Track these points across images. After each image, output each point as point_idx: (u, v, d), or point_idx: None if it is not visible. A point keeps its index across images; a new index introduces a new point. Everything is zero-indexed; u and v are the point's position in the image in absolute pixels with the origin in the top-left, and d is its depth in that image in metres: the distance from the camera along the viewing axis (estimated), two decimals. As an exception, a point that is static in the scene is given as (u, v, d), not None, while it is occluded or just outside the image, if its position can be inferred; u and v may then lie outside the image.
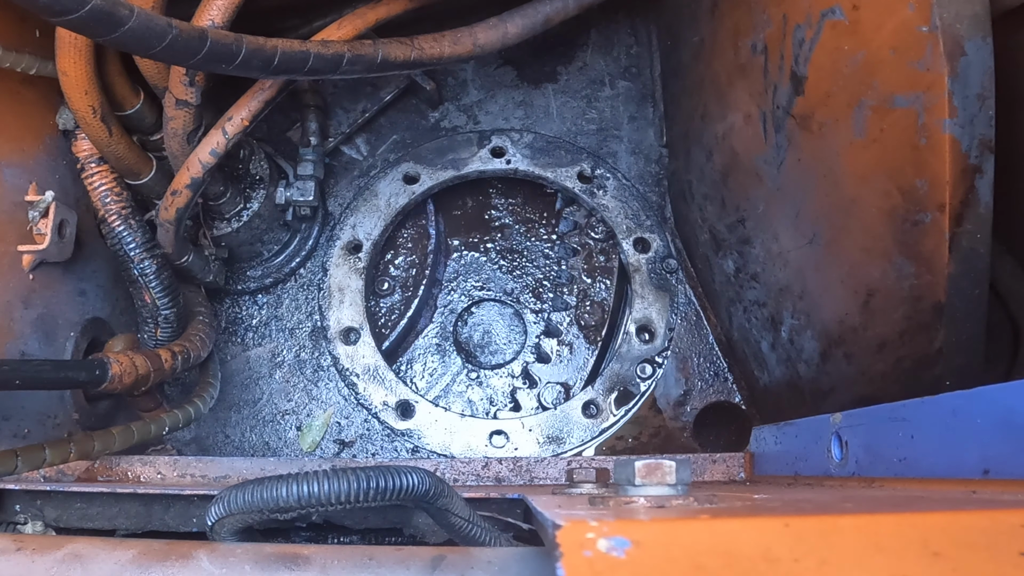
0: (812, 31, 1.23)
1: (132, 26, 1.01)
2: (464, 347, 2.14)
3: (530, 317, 2.13)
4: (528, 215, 2.21)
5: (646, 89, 2.17)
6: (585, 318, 2.10)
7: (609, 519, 0.54)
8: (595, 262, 2.13)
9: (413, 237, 2.16)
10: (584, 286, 2.12)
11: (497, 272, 2.17)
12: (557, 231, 2.17)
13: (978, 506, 0.61)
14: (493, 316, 2.17)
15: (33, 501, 1.20)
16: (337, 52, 1.33)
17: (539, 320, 2.13)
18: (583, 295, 2.11)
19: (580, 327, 2.10)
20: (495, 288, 2.17)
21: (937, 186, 1.02)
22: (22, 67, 1.40)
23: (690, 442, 1.93)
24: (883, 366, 1.20)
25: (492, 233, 2.20)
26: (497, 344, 2.15)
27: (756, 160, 1.51)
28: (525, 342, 2.12)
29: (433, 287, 2.15)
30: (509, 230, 2.20)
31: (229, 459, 1.49)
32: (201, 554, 0.79)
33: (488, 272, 2.18)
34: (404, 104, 2.18)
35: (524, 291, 2.16)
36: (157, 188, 1.62)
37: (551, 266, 2.16)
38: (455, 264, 2.19)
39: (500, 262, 2.18)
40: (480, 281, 2.17)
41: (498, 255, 2.18)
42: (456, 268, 2.18)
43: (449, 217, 2.22)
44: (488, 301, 2.17)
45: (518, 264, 2.17)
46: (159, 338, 1.64)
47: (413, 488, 0.86)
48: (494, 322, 2.16)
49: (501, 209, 2.22)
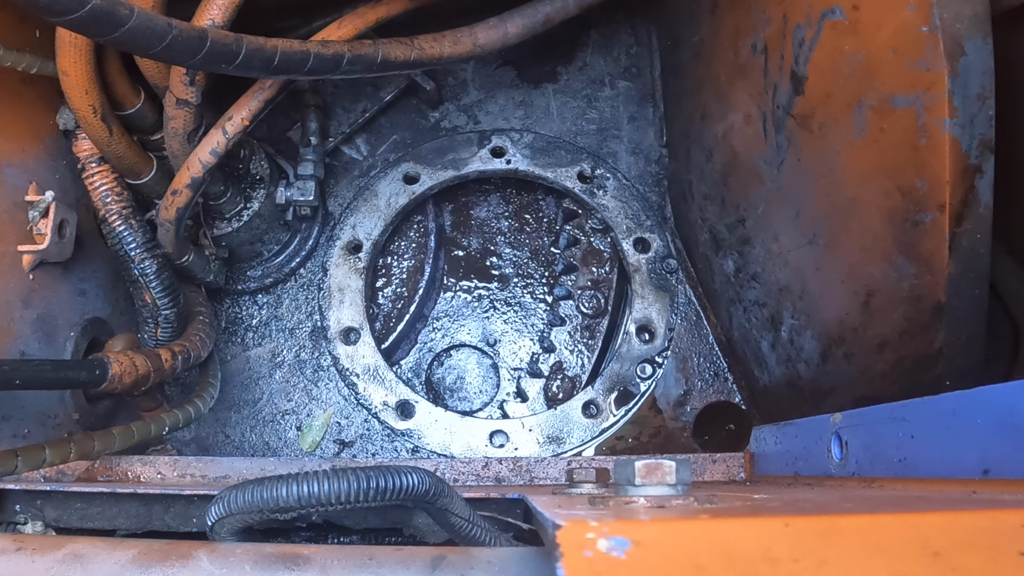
0: (812, 31, 1.23)
1: (132, 26, 1.01)
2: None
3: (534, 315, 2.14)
4: (526, 220, 2.21)
5: (646, 89, 2.17)
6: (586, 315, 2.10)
7: (609, 519, 0.54)
8: (594, 266, 2.13)
9: (413, 237, 2.16)
10: (584, 287, 2.12)
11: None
12: (557, 247, 2.17)
13: (978, 506, 0.61)
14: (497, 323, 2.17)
15: (33, 501, 1.20)
16: (337, 52, 1.33)
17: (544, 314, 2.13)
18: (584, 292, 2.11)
19: (582, 315, 2.10)
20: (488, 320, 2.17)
21: (937, 186, 1.02)
22: (23, 66, 1.39)
23: (690, 442, 1.93)
24: (883, 366, 1.20)
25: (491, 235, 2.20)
26: (504, 341, 2.15)
27: (756, 160, 1.51)
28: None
29: (431, 290, 2.16)
30: (508, 232, 2.20)
31: (229, 459, 1.49)
32: (201, 554, 0.79)
33: (477, 313, 2.18)
34: (404, 104, 2.18)
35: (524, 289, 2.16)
36: (157, 188, 1.62)
37: (551, 266, 2.16)
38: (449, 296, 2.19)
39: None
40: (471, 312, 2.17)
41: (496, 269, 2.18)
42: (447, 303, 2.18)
43: (449, 219, 2.22)
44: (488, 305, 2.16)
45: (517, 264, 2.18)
46: (159, 338, 1.64)
47: (413, 488, 0.86)
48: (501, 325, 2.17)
49: (499, 211, 2.22)
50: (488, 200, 2.23)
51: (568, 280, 2.11)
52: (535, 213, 2.22)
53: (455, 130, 2.16)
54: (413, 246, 2.16)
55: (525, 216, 2.22)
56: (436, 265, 2.16)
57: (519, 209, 2.22)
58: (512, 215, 2.22)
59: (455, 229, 2.22)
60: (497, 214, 2.22)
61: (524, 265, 2.18)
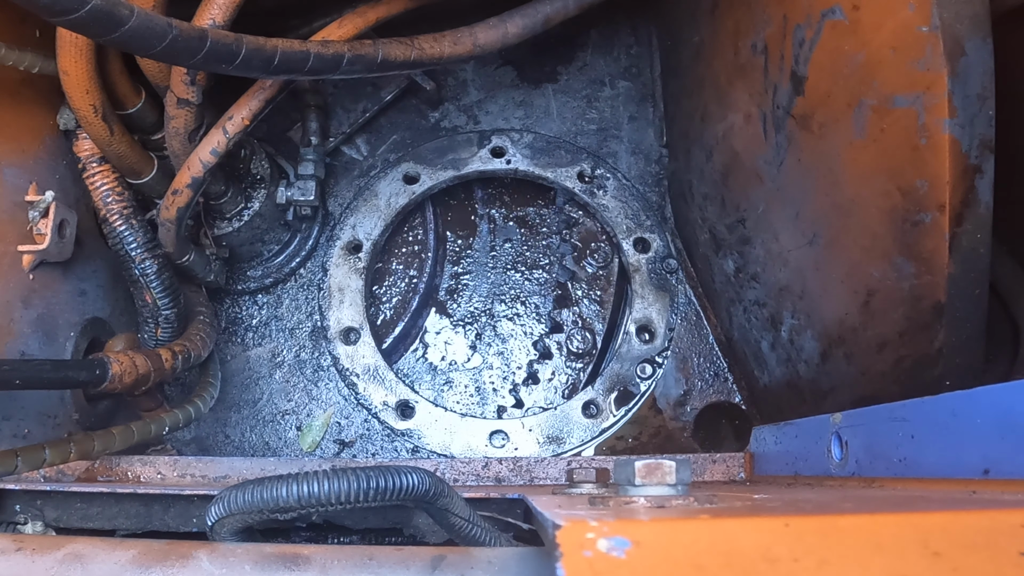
0: (812, 31, 1.23)
1: (132, 26, 1.01)
2: (464, 347, 2.14)
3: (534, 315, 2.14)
4: (527, 212, 2.21)
5: (646, 89, 2.17)
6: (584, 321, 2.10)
7: (609, 519, 0.54)
8: (594, 264, 2.13)
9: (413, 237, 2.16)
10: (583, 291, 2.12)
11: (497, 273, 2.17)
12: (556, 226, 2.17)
13: (978, 506, 0.61)
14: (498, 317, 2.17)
15: (33, 501, 1.20)
16: (337, 52, 1.33)
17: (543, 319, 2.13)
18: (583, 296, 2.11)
19: (582, 325, 2.10)
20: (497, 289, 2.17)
21: (937, 186, 1.02)
22: (25, 65, 1.39)
23: (690, 442, 1.93)
24: (883, 366, 1.20)
25: (489, 229, 2.20)
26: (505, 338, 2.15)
27: (756, 160, 1.51)
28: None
29: (431, 289, 2.16)
30: (508, 228, 2.20)
31: (229, 459, 1.49)
32: (201, 554, 0.79)
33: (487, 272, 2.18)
34: (404, 104, 2.18)
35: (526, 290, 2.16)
36: (158, 187, 1.62)
37: (551, 265, 2.16)
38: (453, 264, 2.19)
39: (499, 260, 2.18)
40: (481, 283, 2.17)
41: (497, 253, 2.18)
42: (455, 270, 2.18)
43: (447, 215, 2.21)
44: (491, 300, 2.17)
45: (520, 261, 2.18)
46: (159, 338, 1.64)
47: (413, 488, 0.86)
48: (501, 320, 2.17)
49: (499, 205, 2.22)
50: (488, 200, 2.23)
51: (568, 280, 2.11)
52: (535, 213, 2.22)
53: (455, 130, 2.16)
54: (413, 246, 2.16)
55: (525, 216, 2.22)
56: (436, 265, 2.16)
57: (519, 209, 2.22)
58: (512, 215, 2.22)
59: (455, 229, 2.21)
60: (497, 214, 2.22)
61: (524, 265, 2.18)
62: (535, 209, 2.22)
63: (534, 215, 2.21)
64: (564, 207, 2.17)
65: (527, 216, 2.21)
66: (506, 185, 2.23)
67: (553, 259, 2.17)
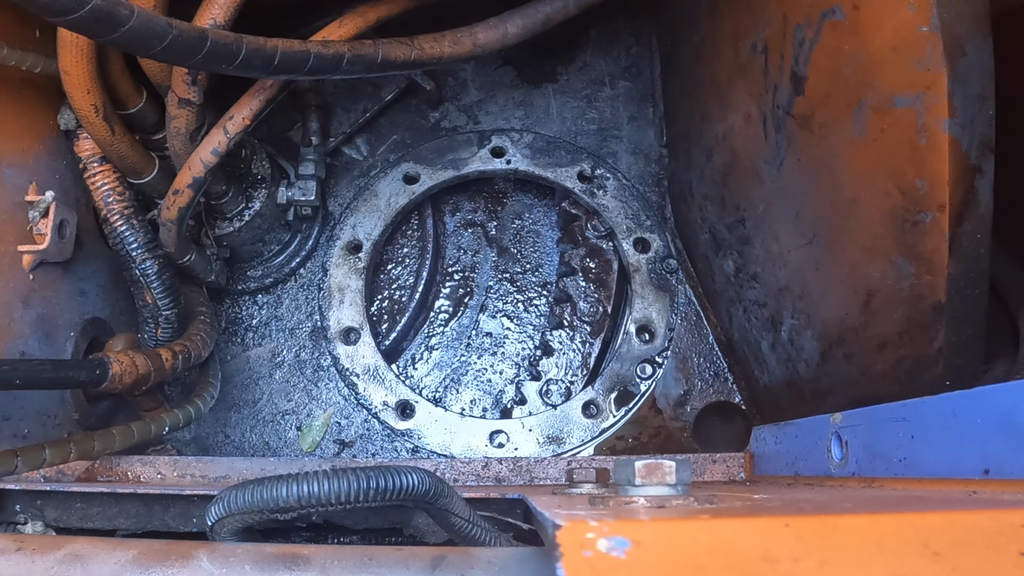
0: (812, 31, 1.23)
1: (132, 26, 1.01)
2: (464, 347, 2.14)
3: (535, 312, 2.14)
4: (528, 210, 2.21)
5: (646, 89, 2.17)
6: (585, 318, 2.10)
7: (609, 519, 0.54)
8: (594, 262, 2.13)
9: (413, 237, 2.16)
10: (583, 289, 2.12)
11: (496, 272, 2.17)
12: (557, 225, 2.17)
13: (978, 506, 0.61)
14: (493, 316, 2.17)
15: (33, 501, 1.20)
16: (337, 52, 1.33)
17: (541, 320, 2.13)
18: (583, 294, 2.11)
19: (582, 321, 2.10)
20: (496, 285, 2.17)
21: (937, 186, 1.02)
22: (27, 65, 1.39)
23: (690, 442, 1.93)
24: (883, 366, 1.20)
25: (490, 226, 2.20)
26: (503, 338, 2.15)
27: (756, 160, 1.51)
28: (525, 342, 2.12)
29: (431, 286, 2.16)
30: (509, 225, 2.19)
31: (229, 459, 1.49)
32: (201, 554, 0.79)
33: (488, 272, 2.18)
34: (404, 104, 2.18)
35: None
36: (159, 187, 1.62)
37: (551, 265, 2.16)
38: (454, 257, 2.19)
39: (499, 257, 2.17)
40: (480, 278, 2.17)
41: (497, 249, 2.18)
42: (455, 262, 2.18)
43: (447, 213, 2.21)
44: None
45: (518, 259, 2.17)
46: (159, 338, 1.64)
47: (413, 488, 0.86)
48: (494, 322, 2.17)
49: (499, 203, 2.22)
50: (488, 200, 2.23)
51: (568, 280, 2.11)
52: (535, 213, 2.22)
53: (455, 130, 2.16)
54: (413, 246, 2.16)
55: (525, 216, 2.22)
56: (436, 265, 2.16)
57: (519, 209, 2.22)
58: (512, 215, 2.22)
59: (455, 229, 2.21)
60: (497, 214, 2.22)
61: (524, 265, 2.18)
62: (535, 209, 2.21)
63: (534, 215, 2.21)
64: (564, 207, 2.16)
65: (527, 216, 2.21)
66: (506, 185, 2.23)
67: (553, 258, 2.16)
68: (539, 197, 2.22)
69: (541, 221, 2.21)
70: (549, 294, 2.15)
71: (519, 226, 2.21)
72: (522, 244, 2.19)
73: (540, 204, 2.22)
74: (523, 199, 2.23)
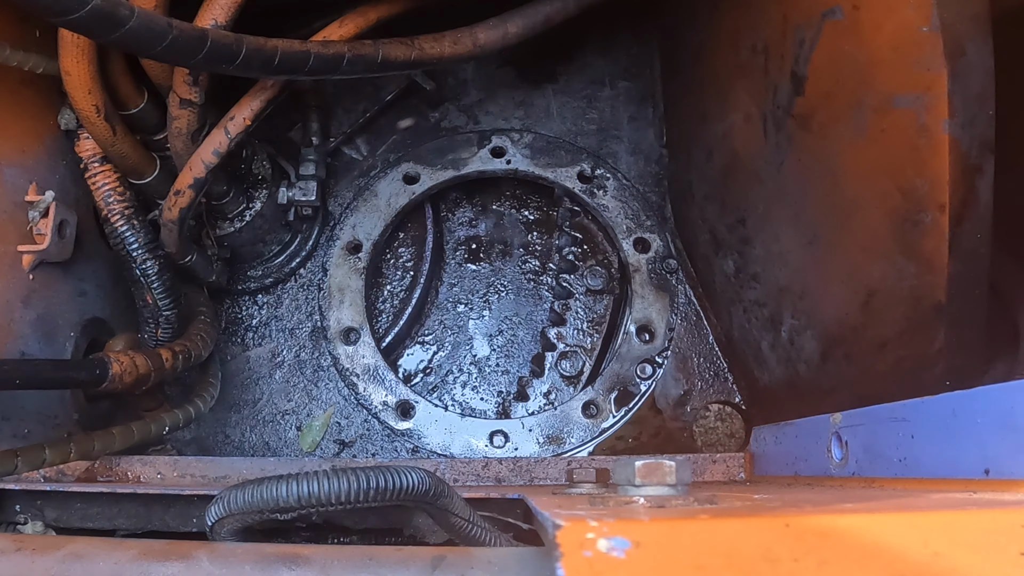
0: (812, 31, 1.23)
1: (132, 26, 1.01)
2: (464, 347, 2.14)
3: (530, 317, 2.13)
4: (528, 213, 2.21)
5: (646, 89, 2.17)
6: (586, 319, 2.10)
7: (609, 519, 0.54)
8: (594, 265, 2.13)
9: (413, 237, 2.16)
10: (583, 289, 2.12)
11: (497, 272, 2.17)
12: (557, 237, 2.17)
13: (978, 506, 0.61)
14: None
15: (33, 501, 1.20)
16: (337, 52, 1.33)
17: (539, 320, 2.13)
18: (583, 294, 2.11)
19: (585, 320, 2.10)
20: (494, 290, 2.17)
21: (937, 186, 1.02)
22: (29, 65, 1.39)
23: (690, 442, 1.93)
24: (883, 366, 1.20)
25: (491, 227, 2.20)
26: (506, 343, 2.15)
27: (756, 160, 1.51)
28: (525, 342, 2.12)
29: (431, 285, 2.16)
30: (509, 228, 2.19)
31: (229, 459, 1.49)
32: (201, 554, 0.79)
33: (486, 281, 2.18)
34: (404, 104, 2.18)
35: (524, 291, 2.16)
36: (160, 188, 1.62)
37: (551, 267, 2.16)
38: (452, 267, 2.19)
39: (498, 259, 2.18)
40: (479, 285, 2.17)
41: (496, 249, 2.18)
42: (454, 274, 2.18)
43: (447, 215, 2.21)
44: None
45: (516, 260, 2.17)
46: (160, 338, 1.64)
47: (413, 488, 0.86)
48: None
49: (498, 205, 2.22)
50: (488, 200, 2.23)
51: (568, 280, 2.11)
52: (535, 213, 2.22)
53: (455, 130, 2.16)
54: (413, 246, 2.16)
55: (525, 216, 2.22)
56: (436, 265, 2.16)
57: (519, 209, 2.22)
58: (512, 215, 2.22)
59: (454, 229, 2.21)
60: (497, 214, 2.22)
61: (524, 265, 2.18)
62: (535, 209, 2.21)
63: (534, 215, 2.21)
64: (564, 207, 2.16)
65: (527, 216, 2.21)
66: (506, 185, 2.22)
67: (553, 259, 2.16)
68: (539, 197, 2.22)
69: (541, 221, 2.21)
70: (549, 294, 2.15)
71: (519, 226, 2.21)
72: (522, 244, 2.19)
73: (540, 204, 2.22)
74: (523, 199, 2.23)
